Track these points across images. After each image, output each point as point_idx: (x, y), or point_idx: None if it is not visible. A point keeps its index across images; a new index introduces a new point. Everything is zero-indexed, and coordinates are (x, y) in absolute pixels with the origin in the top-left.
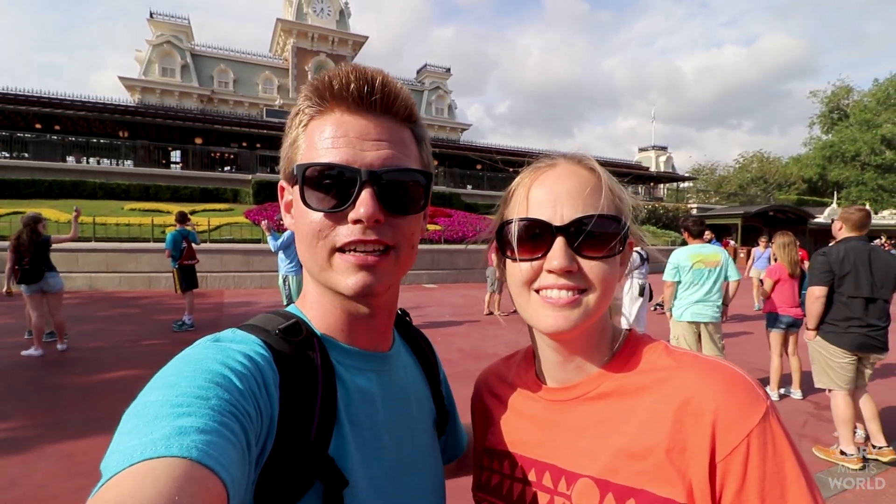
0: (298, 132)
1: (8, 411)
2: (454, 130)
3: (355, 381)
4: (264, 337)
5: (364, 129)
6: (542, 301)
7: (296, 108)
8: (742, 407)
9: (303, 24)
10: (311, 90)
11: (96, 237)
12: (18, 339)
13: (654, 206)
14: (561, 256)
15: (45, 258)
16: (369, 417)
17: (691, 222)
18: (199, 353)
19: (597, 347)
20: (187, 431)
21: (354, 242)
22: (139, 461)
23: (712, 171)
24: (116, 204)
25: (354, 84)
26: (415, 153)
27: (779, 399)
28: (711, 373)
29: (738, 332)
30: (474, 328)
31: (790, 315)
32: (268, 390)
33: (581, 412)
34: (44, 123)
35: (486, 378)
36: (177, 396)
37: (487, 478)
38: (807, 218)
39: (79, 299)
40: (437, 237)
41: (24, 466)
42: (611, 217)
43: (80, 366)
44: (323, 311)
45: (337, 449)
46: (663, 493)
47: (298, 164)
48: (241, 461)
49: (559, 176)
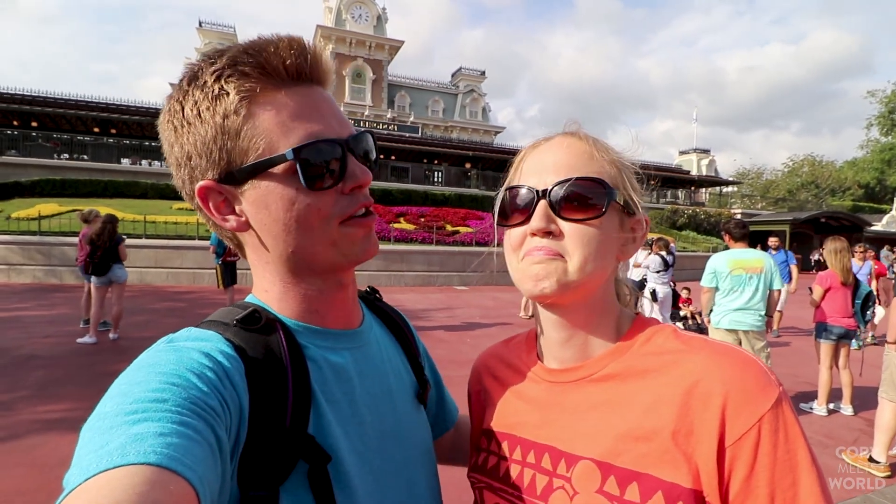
0: (237, 120)
1: (64, 394)
2: (488, 133)
3: (328, 359)
4: (222, 330)
5: (326, 102)
6: (527, 259)
7: (207, 94)
8: (753, 391)
9: (342, 31)
10: (231, 73)
11: (147, 235)
12: (74, 328)
13: (694, 210)
14: (539, 217)
15: (114, 254)
16: (346, 394)
17: (733, 225)
18: (153, 356)
19: (601, 326)
20: (144, 437)
21: (364, 205)
22: (95, 474)
23: (758, 174)
24: (165, 204)
25: (289, 57)
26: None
27: (827, 414)
28: (722, 356)
29: (783, 343)
30: (504, 331)
31: (842, 325)
32: (232, 382)
33: (584, 394)
34: (101, 127)
35: (485, 360)
36: (131, 403)
37: (484, 459)
38: (862, 226)
39: (130, 293)
40: (468, 239)
41: (75, 446)
42: (593, 179)
43: (130, 354)
44: (293, 300)
45: (316, 427)
46: (667, 477)
47: (294, 147)
48: (210, 457)
49: (550, 146)
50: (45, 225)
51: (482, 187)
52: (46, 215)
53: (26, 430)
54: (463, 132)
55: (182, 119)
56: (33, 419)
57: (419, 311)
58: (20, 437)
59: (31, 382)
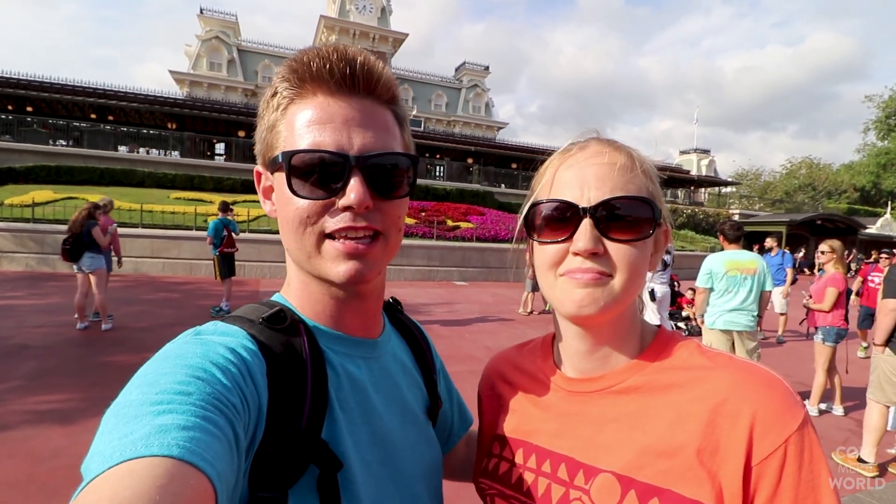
0: (277, 116)
1: (57, 385)
2: (490, 129)
3: (345, 368)
4: (248, 327)
5: (349, 114)
6: (569, 279)
7: (271, 90)
8: (781, 412)
9: (345, 21)
10: (288, 72)
11: (143, 224)
12: (67, 318)
13: (693, 210)
14: (586, 238)
15: (87, 241)
16: (360, 404)
17: (728, 226)
18: (180, 348)
19: (625, 339)
20: (168, 429)
21: (345, 229)
22: (118, 462)
23: (757, 176)
24: (163, 193)
25: (336, 66)
26: (398, 136)
27: (818, 415)
28: (749, 375)
29: (774, 344)
30: (503, 327)
31: (846, 328)
32: (253, 380)
33: (605, 405)
34: (98, 114)
35: (497, 365)
36: (157, 394)
37: (496, 465)
38: (857, 228)
39: (125, 283)
40: (468, 235)
41: (68, 438)
42: (641, 199)
43: (125, 345)
44: (310, 299)
45: (329, 433)
46: (690, 494)
47: (284, 150)
48: (228, 454)
49: (588, 157)
50: (38, 212)
51: (484, 183)
52: (40, 202)
53: (18, 421)
54: (466, 127)
55: (261, 108)
56: (25, 410)
57: (419, 305)
58: (12, 429)
59: (24, 373)
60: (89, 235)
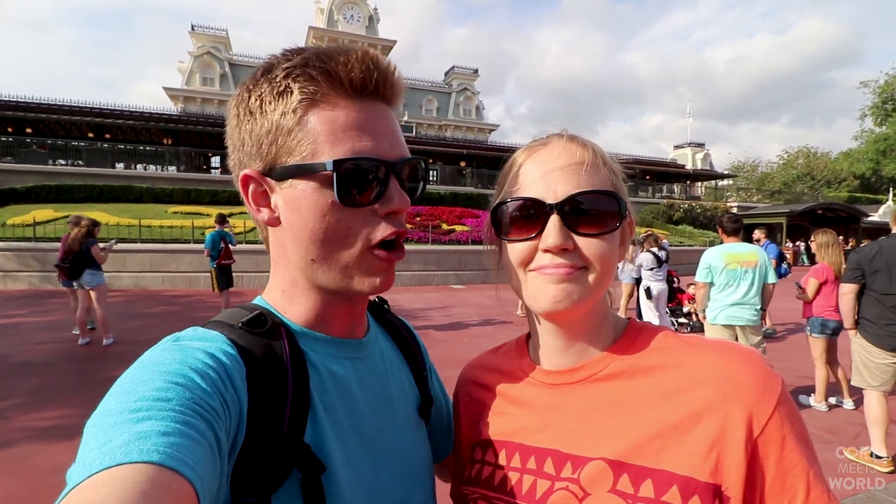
0: (290, 120)
1: (59, 401)
2: (482, 131)
3: (329, 368)
4: (227, 332)
5: (385, 121)
6: (540, 275)
7: (276, 88)
8: (766, 379)
9: (334, 31)
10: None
11: (142, 239)
12: (69, 334)
13: (690, 204)
14: (556, 234)
15: (86, 259)
16: (345, 405)
17: (726, 219)
18: (158, 355)
19: (599, 331)
20: (147, 436)
21: (394, 232)
22: (99, 470)
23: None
24: (161, 207)
25: (363, 70)
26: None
27: (828, 410)
28: (728, 351)
29: (780, 337)
30: (501, 329)
31: (836, 319)
32: (233, 384)
33: (588, 394)
34: (96, 132)
35: (471, 372)
36: (135, 401)
37: (478, 471)
38: (859, 216)
39: (126, 297)
40: (464, 238)
41: (70, 454)
42: (607, 193)
43: (126, 360)
44: (304, 304)
45: (313, 436)
46: (683, 472)
47: (336, 159)
48: (210, 458)
49: (551, 152)
50: (40, 231)
51: (477, 186)
52: (41, 221)
53: (20, 438)
54: (457, 131)
55: (246, 107)
56: (27, 427)
57: (416, 310)
58: (14, 445)
59: (26, 390)
60: (89, 253)
